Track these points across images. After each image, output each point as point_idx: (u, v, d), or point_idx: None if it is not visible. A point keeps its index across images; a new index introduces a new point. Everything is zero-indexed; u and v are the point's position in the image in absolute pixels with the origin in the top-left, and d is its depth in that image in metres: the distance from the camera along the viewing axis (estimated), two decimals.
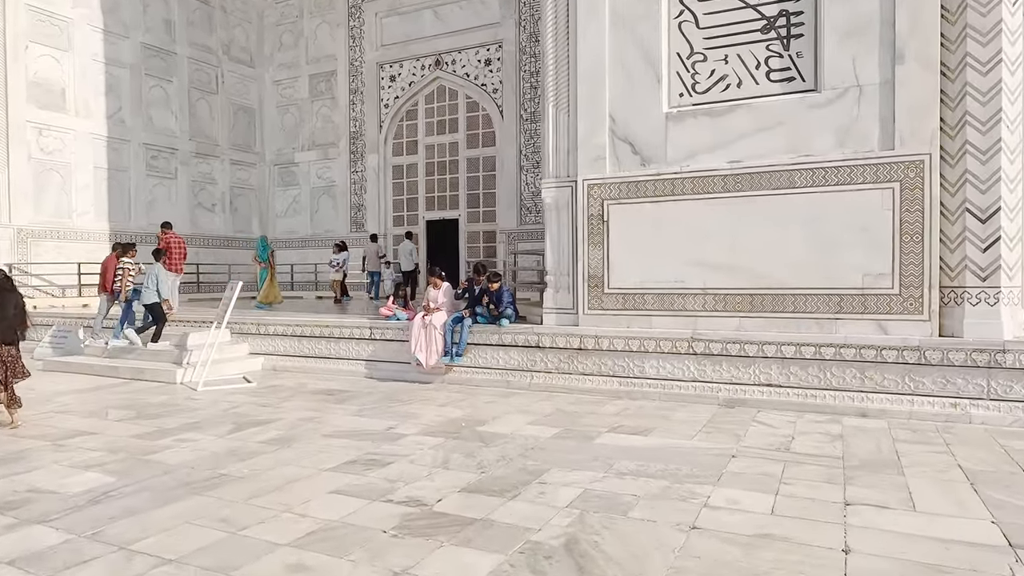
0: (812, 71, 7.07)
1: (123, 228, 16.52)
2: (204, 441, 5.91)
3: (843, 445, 5.61)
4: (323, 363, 9.83)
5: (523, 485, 4.60)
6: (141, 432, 6.25)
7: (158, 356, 9.80)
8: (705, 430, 6.17)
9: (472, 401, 7.66)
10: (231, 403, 7.62)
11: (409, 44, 18.25)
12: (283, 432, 6.23)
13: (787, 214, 7.09)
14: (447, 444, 5.74)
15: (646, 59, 7.76)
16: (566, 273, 8.30)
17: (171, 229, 12.51)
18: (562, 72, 8.25)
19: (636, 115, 7.82)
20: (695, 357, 7.47)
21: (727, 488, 4.50)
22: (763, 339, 7.13)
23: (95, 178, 16.17)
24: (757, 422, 6.48)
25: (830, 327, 6.95)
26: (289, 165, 20.26)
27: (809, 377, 6.97)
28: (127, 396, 8.16)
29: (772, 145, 7.17)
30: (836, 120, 6.88)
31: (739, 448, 5.52)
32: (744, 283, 7.32)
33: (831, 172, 6.90)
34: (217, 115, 19.21)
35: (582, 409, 7.15)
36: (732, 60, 7.42)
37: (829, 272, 6.93)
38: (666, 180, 7.65)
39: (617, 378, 7.85)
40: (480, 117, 17.56)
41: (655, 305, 7.76)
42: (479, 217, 17.77)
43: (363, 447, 5.64)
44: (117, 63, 16.58)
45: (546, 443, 5.74)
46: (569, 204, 8.25)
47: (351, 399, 7.83)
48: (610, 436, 5.98)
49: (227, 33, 19.49)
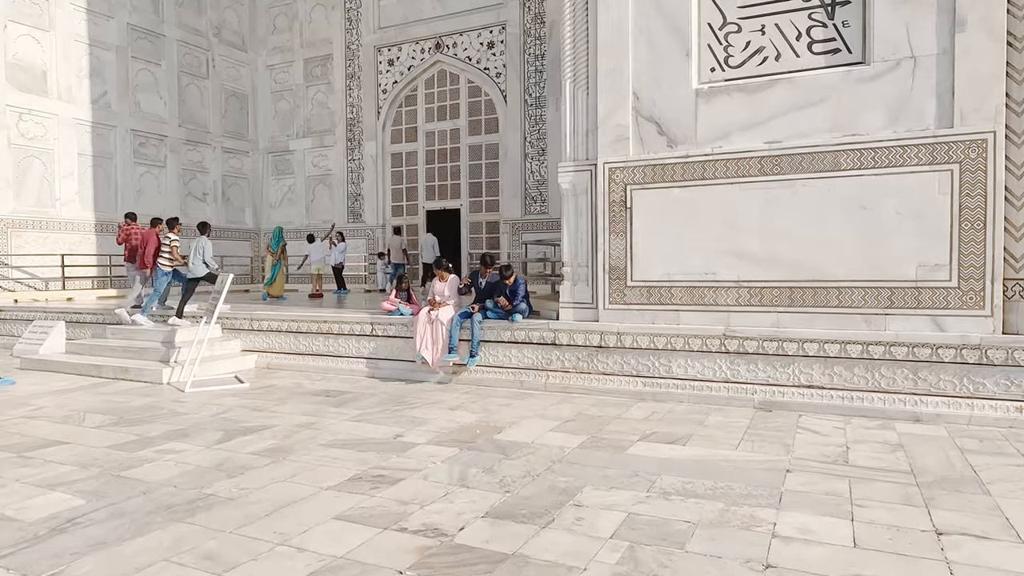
0: (860, 41, 6.43)
1: (110, 218, 15.79)
2: (189, 452, 5.26)
3: (906, 456, 5.01)
4: (321, 361, 9.18)
5: (556, 508, 3.98)
6: (119, 441, 5.60)
7: (142, 354, 9.13)
8: (748, 438, 5.56)
9: (484, 404, 7.03)
10: (221, 406, 6.98)
11: (408, 26, 17.51)
12: (277, 441, 5.59)
13: (831, 200, 6.47)
14: (462, 456, 5.11)
15: (673, 30, 7.10)
16: (585, 265, 7.66)
17: (135, 221, 12.01)
18: (580, 45, 7.58)
19: (662, 92, 7.17)
20: (728, 356, 6.85)
21: (793, 512, 3.88)
22: (804, 336, 6.52)
23: (79, 165, 15.42)
24: (803, 428, 5.88)
25: (879, 323, 6.33)
26: (283, 153, 19.52)
27: (855, 378, 6.37)
28: (108, 398, 7.50)
29: (814, 124, 6.53)
30: (887, 95, 6.25)
31: (792, 461, 4.91)
32: (782, 275, 6.70)
33: (881, 153, 6.27)
34: (208, 101, 18.44)
35: (606, 413, 6.53)
36: (770, 31, 6.77)
37: (878, 263, 6.31)
38: (696, 163, 7.01)
39: (641, 378, 7.24)
40: (483, 102, 16.85)
41: (683, 299, 7.13)
42: (482, 207, 17.10)
43: (368, 459, 5.01)
44: (102, 44, 15.80)
45: (574, 454, 5.12)
46: (588, 189, 7.60)
47: (352, 401, 7.20)
48: (644, 446, 5.36)
49: (218, 15, 18.70)
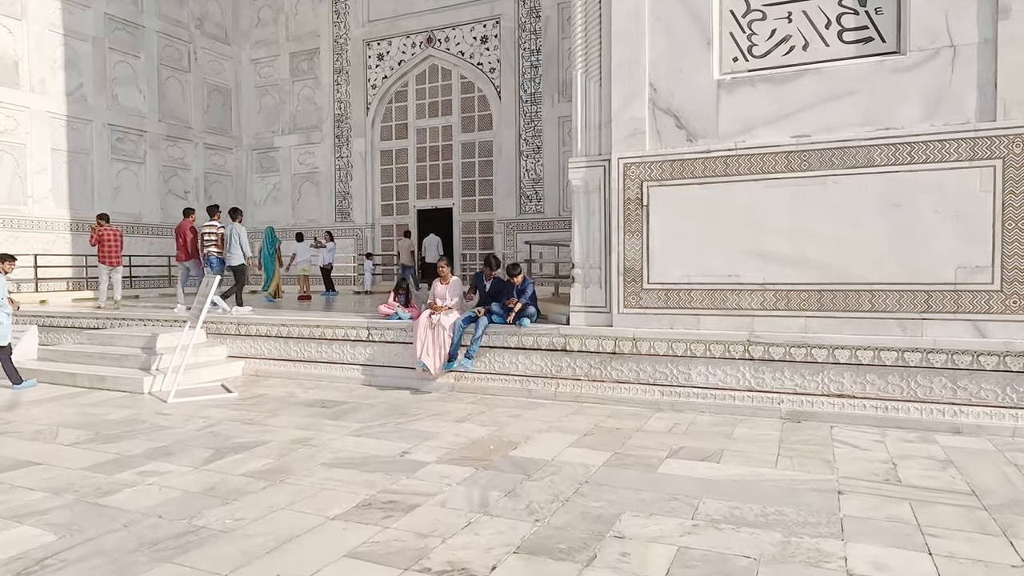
0: (894, 30, 6.07)
1: (86, 216, 15.08)
2: (175, 475, 4.74)
3: (960, 474, 4.64)
4: (313, 368, 8.66)
5: (595, 541, 3.54)
6: (97, 461, 5.06)
7: (121, 361, 8.55)
8: (784, 454, 5.16)
9: (492, 415, 6.57)
10: (208, 419, 6.45)
11: (398, 20, 16.99)
12: (273, 460, 5.09)
13: (863, 197, 6.10)
14: (480, 477, 4.65)
15: (693, 18, 6.70)
16: (597, 266, 7.23)
17: (108, 222, 11.90)
18: (593, 34, 7.15)
19: (681, 83, 6.77)
20: (752, 363, 6.46)
21: (861, 543, 3.47)
22: (835, 342, 6.14)
23: (53, 161, 14.70)
24: (839, 442, 5.49)
25: (915, 328, 5.97)
26: (268, 150, 18.89)
27: (889, 387, 6.00)
28: (84, 410, 6.93)
29: (845, 117, 6.16)
30: (924, 87, 5.89)
31: (840, 480, 4.51)
32: (811, 278, 6.32)
33: (917, 148, 5.91)
34: (190, 95, 17.77)
35: (625, 425, 6.10)
36: (797, 18, 6.39)
37: (914, 265, 5.95)
38: (718, 158, 6.61)
39: (658, 386, 6.82)
40: (476, 99, 16.39)
41: (704, 303, 6.72)
42: (475, 206, 16.63)
43: (375, 482, 4.53)
44: (77, 35, 15.09)
45: (601, 474, 4.68)
46: (601, 186, 7.17)
47: (350, 413, 6.70)
48: (675, 463, 4.94)
49: (200, 6, 18.03)
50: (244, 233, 10.66)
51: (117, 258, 11.75)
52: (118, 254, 11.78)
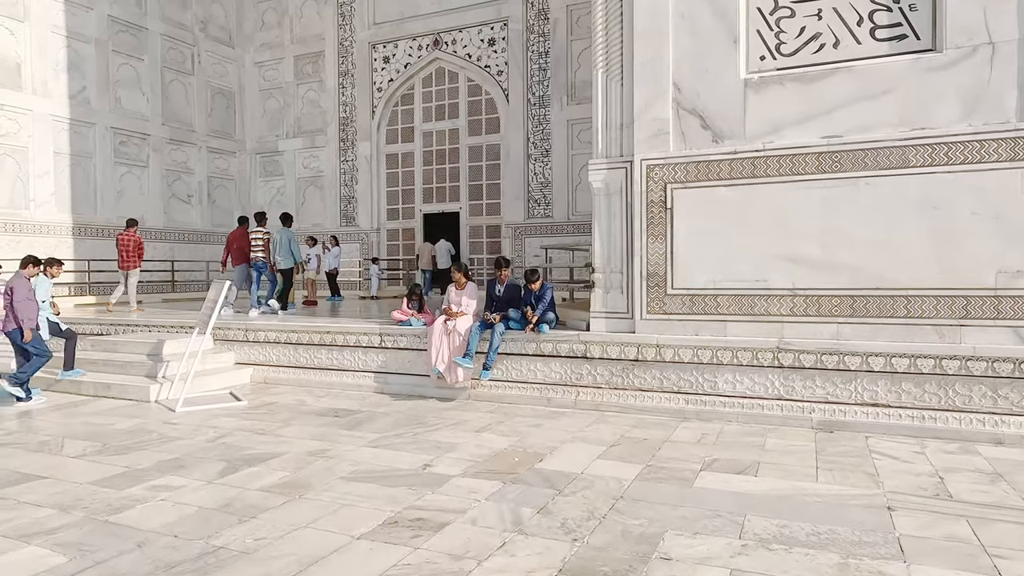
0: (929, 27, 5.88)
1: (89, 221, 14.89)
2: (188, 489, 4.52)
3: (1012, 488, 4.43)
4: (323, 375, 8.44)
5: (641, 563, 3.32)
6: (106, 475, 4.84)
7: (127, 368, 8.32)
8: (823, 466, 4.94)
9: (512, 425, 6.35)
10: (218, 429, 6.22)
11: (404, 22, 16.82)
12: (289, 473, 4.87)
13: (898, 200, 5.90)
14: (508, 491, 4.43)
15: (719, 15, 6.51)
16: (619, 271, 7.03)
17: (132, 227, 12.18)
18: (614, 32, 6.97)
19: (707, 82, 6.57)
20: (781, 371, 6.25)
21: (924, 566, 3.26)
22: (868, 349, 5.93)
23: (56, 165, 14.50)
24: (878, 453, 5.27)
25: (953, 335, 5.77)
26: (272, 154, 18.69)
27: (926, 396, 5.79)
28: (89, 420, 6.71)
29: (879, 116, 5.96)
30: (961, 86, 5.70)
31: (888, 496, 4.30)
32: (843, 282, 6.11)
33: (955, 148, 5.71)
34: (193, 98, 17.58)
35: (651, 436, 5.89)
36: (827, 15, 6.20)
37: (952, 269, 5.75)
38: (745, 159, 6.41)
39: (683, 395, 6.61)
40: (483, 102, 16.21)
41: (731, 308, 6.52)
42: (482, 210, 16.42)
43: (399, 497, 4.31)
44: (80, 37, 14.90)
45: (635, 489, 4.46)
46: (623, 188, 6.97)
47: (365, 423, 6.48)
48: (711, 477, 4.72)
49: (204, 9, 17.86)
50: (295, 238, 11.37)
51: (130, 262, 11.92)
52: (130, 259, 11.92)
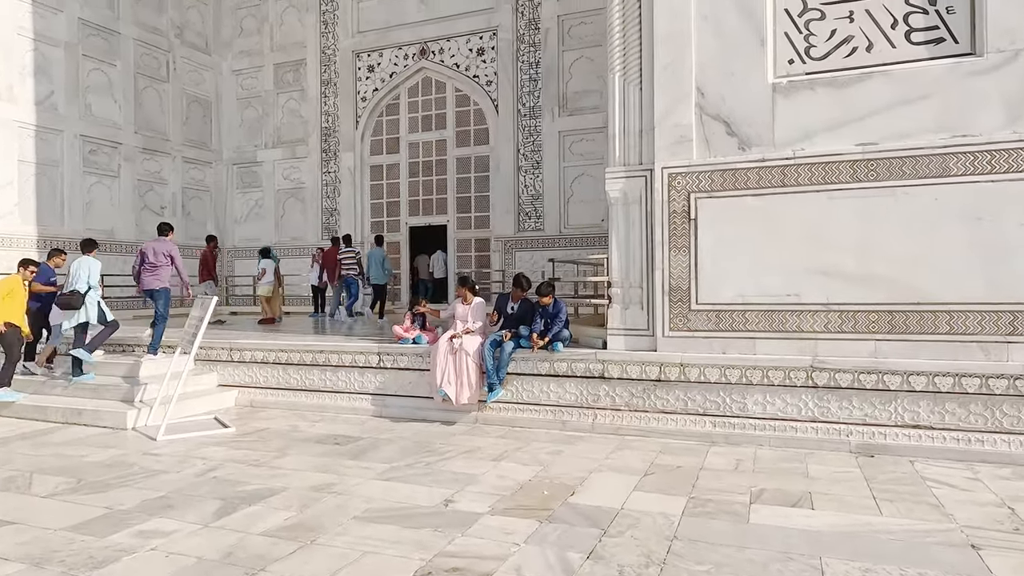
0: (968, 30, 5.64)
1: (55, 233, 14.03)
2: (182, 535, 3.95)
3: None
4: (316, 398, 7.86)
5: None
6: (84, 518, 4.24)
7: (100, 392, 7.64)
8: (881, 496, 4.57)
9: (531, 451, 5.88)
10: (207, 460, 5.63)
11: (390, 31, 16.37)
12: (295, 513, 4.32)
13: (939, 210, 5.61)
14: (548, 532, 3.95)
15: (745, 16, 6.21)
16: (638, 285, 6.63)
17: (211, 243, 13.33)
18: (632, 35, 6.62)
19: (732, 87, 6.25)
20: (816, 391, 5.89)
21: None
22: (909, 368, 5.60)
23: (20, 174, 13.65)
24: (931, 480, 4.92)
25: (999, 353, 5.47)
26: (251, 164, 17.99)
27: (972, 417, 5.47)
28: (59, 451, 6.05)
29: (917, 123, 5.69)
30: (1005, 91, 5.45)
31: (966, 531, 3.92)
32: (881, 297, 5.79)
33: (999, 156, 5.45)
34: (168, 106, 16.84)
35: (684, 463, 5.47)
36: (859, 18, 5.93)
37: (998, 283, 5.46)
38: (774, 167, 6.08)
39: (709, 417, 6.21)
40: (472, 112, 15.80)
41: (760, 324, 6.15)
42: (471, 223, 15.95)
43: (427, 541, 3.81)
44: (48, 40, 14.14)
45: (687, 527, 4.02)
46: (642, 198, 6.60)
47: (369, 451, 5.95)
48: (765, 511, 4.30)
49: (180, 15, 17.19)
50: (386, 257, 13.36)
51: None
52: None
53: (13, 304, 7.51)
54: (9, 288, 7.54)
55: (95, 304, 7.82)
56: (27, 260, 7.98)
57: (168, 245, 8.42)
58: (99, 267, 8.08)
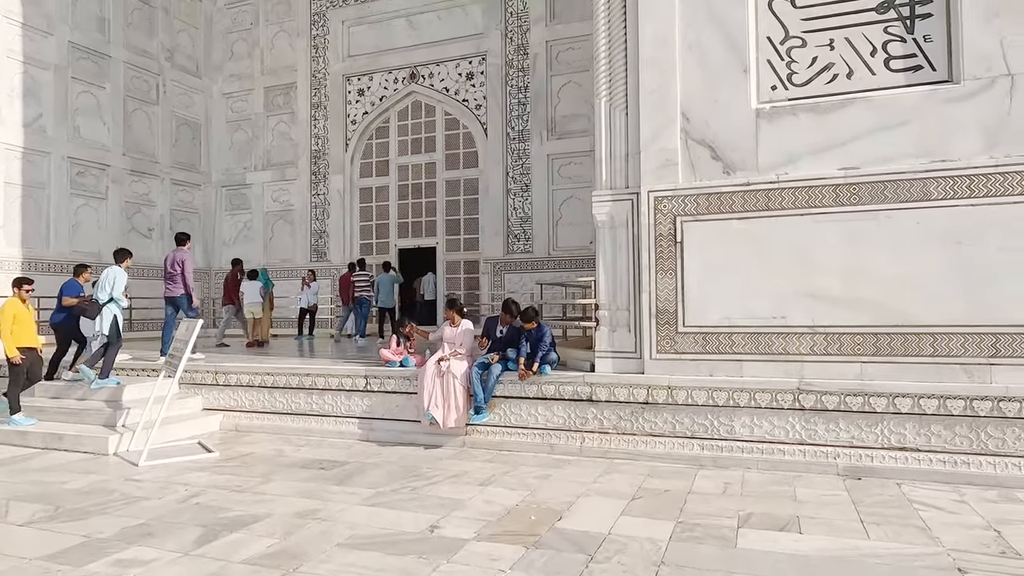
0: (945, 58, 5.77)
1: (40, 255, 13.93)
2: (161, 563, 3.88)
3: None
4: (302, 421, 7.78)
5: None
6: (61, 547, 4.15)
7: (82, 416, 7.53)
8: (868, 520, 4.56)
9: (518, 476, 5.83)
10: (190, 487, 5.54)
11: (380, 55, 16.52)
12: (278, 540, 4.25)
13: (921, 233, 5.69)
14: (535, 559, 3.91)
15: (729, 44, 6.32)
16: (625, 308, 6.65)
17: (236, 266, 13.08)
18: (618, 60, 6.72)
19: (716, 113, 6.34)
20: (802, 413, 5.90)
21: None
22: (895, 390, 5.63)
23: (6, 196, 13.57)
24: (918, 503, 4.92)
25: (982, 375, 5.51)
26: (240, 187, 17.99)
27: (957, 439, 5.49)
28: (38, 477, 5.94)
29: (897, 148, 5.78)
30: (982, 117, 5.56)
31: (952, 554, 3.92)
32: (866, 319, 5.83)
33: (978, 181, 5.54)
34: (157, 128, 16.86)
35: (672, 486, 5.44)
36: (840, 45, 6.06)
37: (980, 305, 5.52)
38: (759, 191, 6.16)
39: (698, 440, 6.20)
40: (461, 135, 15.91)
41: (747, 347, 6.17)
42: (460, 245, 15.98)
43: (410, 568, 3.76)
44: (38, 63, 14.16)
45: (675, 552, 3.99)
46: (629, 221, 6.65)
47: (355, 475, 5.88)
48: (753, 536, 4.28)
49: (170, 38, 17.28)
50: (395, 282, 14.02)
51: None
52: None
53: (22, 329, 7.48)
54: (12, 313, 7.47)
55: (111, 316, 7.80)
56: (21, 279, 7.88)
57: (182, 254, 8.67)
58: (124, 278, 8.05)
